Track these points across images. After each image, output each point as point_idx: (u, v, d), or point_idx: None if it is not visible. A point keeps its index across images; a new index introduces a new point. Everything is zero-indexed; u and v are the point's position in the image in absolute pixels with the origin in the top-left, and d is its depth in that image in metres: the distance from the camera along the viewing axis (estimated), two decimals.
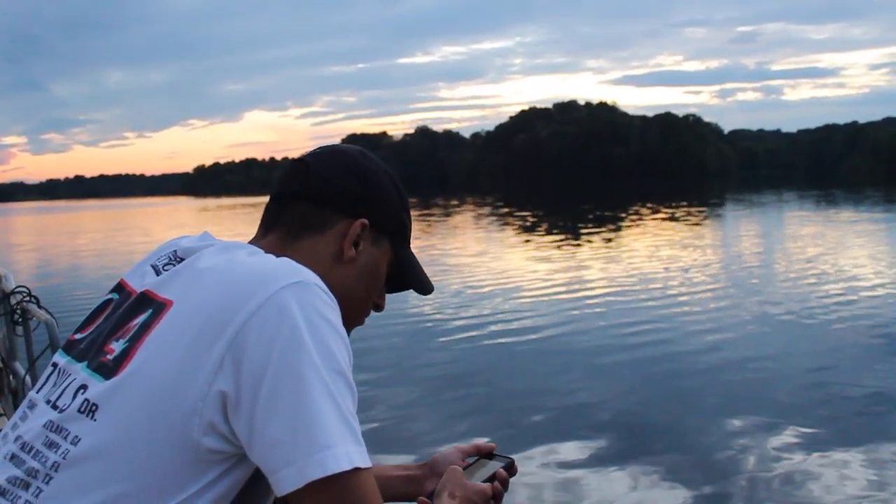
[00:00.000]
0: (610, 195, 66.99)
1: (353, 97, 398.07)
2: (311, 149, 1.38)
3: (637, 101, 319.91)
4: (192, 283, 1.12)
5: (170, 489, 1.03)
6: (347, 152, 1.34)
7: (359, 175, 1.30)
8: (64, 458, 1.04)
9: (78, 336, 1.20)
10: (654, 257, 19.89)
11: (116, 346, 1.11)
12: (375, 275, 1.32)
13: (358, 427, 1.06)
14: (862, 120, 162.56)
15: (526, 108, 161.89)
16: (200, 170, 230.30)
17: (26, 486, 1.05)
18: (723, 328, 11.01)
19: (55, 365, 1.18)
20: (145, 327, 1.10)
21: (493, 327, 11.61)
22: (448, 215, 45.80)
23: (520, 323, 11.85)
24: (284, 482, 1.02)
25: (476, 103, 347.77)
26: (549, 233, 30.90)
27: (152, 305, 1.13)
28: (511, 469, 1.41)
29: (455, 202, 65.36)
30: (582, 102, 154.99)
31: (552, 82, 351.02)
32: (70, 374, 1.13)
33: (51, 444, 1.06)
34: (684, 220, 34.18)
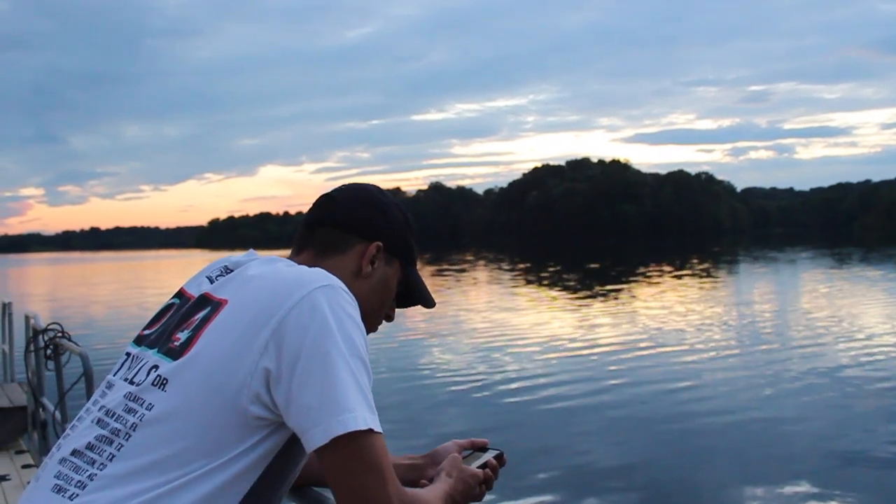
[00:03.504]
0: (623, 253, 66.95)
1: (366, 153, 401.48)
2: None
3: (649, 158, 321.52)
4: (243, 286, 1.40)
5: (223, 447, 1.28)
6: (366, 188, 1.64)
7: (375, 207, 1.59)
8: (141, 420, 1.30)
9: (146, 332, 1.48)
10: (669, 315, 19.92)
11: (182, 336, 1.37)
12: (387, 288, 1.59)
13: (372, 401, 1.30)
14: (875, 178, 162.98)
15: (539, 165, 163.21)
16: (215, 223, 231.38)
17: (110, 442, 1.30)
18: (738, 387, 11.02)
19: (128, 354, 1.45)
20: (205, 320, 1.37)
21: (506, 379, 11.76)
22: (465, 271, 45.90)
23: (534, 377, 11.98)
24: (314, 439, 1.25)
25: (489, 160, 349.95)
26: (567, 290, 30.97)
27: (210, 304, 1.40)
28: (501, 459, 1.65)
29: (470, 257, 65.43)
30: (595, 160, 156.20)
31: (565, 140, 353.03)
32: (143, 359, 1.39)
33: (130, 410, 1.32)
34: (699, 279, 34.17)
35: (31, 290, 42.15)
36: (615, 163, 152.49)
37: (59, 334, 4.59)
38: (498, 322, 19.47)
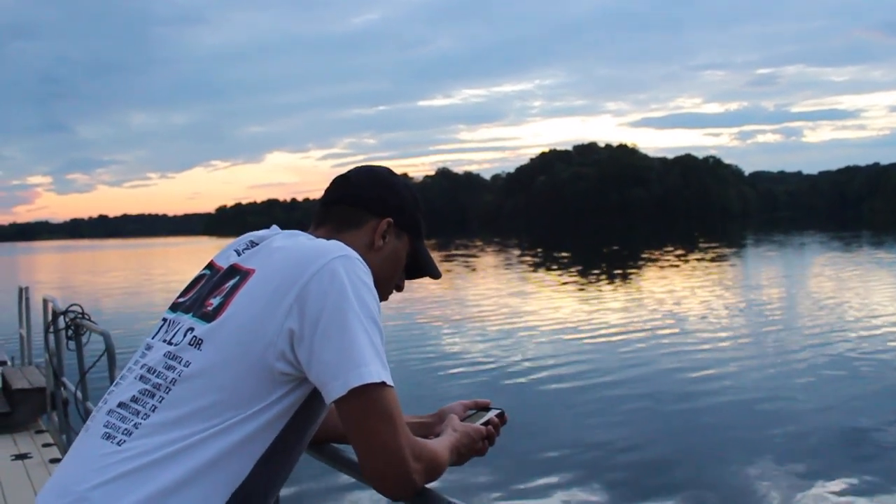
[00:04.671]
0: (632, 237, 66.78)
1: (373, 139, 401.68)
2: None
3: (657, 143, 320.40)
4: (269, 257, 1.55)
5: (252, 400, 1.44)
6: (378, 170, 1.80)
7: (387, 186, 1.75)
8: (179, 376, 1.45)
9: (181, 299, 1.63)
10: (680, 300, 19.90)
11: (214, 301, 1.53)
12: (397, 260, 1.75)
13: (385, 358, 1.44)
14: (883, 161, 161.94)
15: (546, 150, 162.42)
16: (222, 210, 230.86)
17: (152, 395, 1.46)
18: (751, 371, 11.05)
19: (165, 319, 1.60)
20: (235, 287, 1.53)
21: (518, 363, 11.89)
22: (475, 257, 45.94)
23: (546, 362, 12.09)
24: (333, 391, 1.41)
25: (496, 145, 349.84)
26: (577, 274, 31.06)
27: (240, 273, 1.56)
28: (502, 417, 1.78)
29: (479, 243, 65.37)
30: (602, 144, 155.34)
31: (572, 124, 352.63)
32: (179, 322, 1.55)
33: (169, 367, 1.47)
34: (709, 263, 34.13)
35: (42, 277, 42.41)
36: (622, 147, 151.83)
37: (80, 315, 4.75)
38: (509, 307, 19.60)
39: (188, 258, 58.21)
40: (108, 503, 1.38)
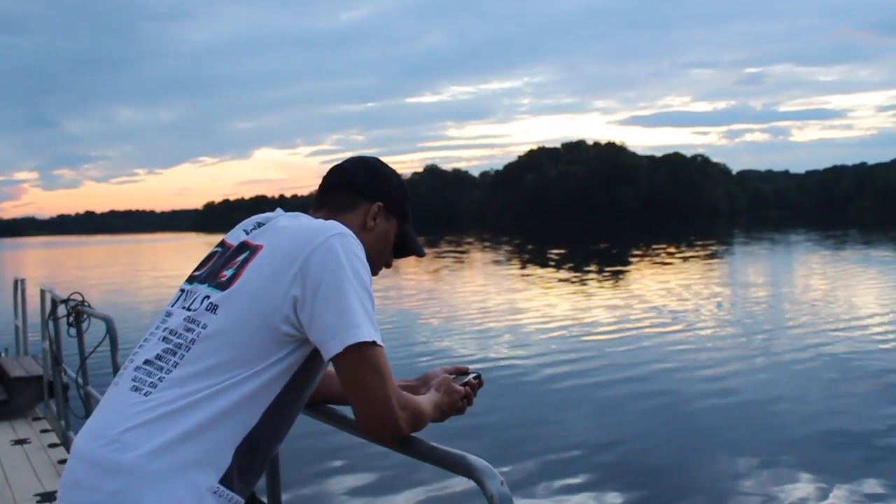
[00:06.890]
0: (620, 235, 66.78)
1: (361, 136, 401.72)
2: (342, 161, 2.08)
3: (645, 141, 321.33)
4: (275, 234, 1.79)
5: (260, 357, 1.66)
6: (370, 160, 2.06)
7: (377, 174, 2.01)
8: (198, 337, 1.68)
9: (197, 273, 1.86)
10: (668, 298, 19.94)
11: (227, 273, 1.77)
12: (387, 240, 2.00)
13: (376, 322, 1.68)
14: (870, 161, 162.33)
15: (534, 147, 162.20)
16: (210, 206, 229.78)
17: (174, 353, 1.68)
18: (740, 369, 11.13)
19: (182, 290, 1.84)
20: (246, 261, 1.76)
21: (502, 363, 11.98)
22: (465, 252, 46.15)
23: (529, 360, 12.19)
24: (331, 349, 1.64)
25: (485, 143, 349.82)
26: (568, 272, 31.22)
27: (249, 248, 1.79)
28: (479, 379, 2.02)
29: (469, 240, 65.38)
30: (590, 142, 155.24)
31: (560, 122, 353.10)
32: (196, 292, 1.79)
33: (188, 329, 1.70)
34: (698, 261, 34.26)
35: (30, 272, 42.28)
36: (610, 145, 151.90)
37: (81, 303, 4.94)
38: (499, 303, 19.76)
39: (175, 254, 58.07)
40: (136, 444, 1.58)
